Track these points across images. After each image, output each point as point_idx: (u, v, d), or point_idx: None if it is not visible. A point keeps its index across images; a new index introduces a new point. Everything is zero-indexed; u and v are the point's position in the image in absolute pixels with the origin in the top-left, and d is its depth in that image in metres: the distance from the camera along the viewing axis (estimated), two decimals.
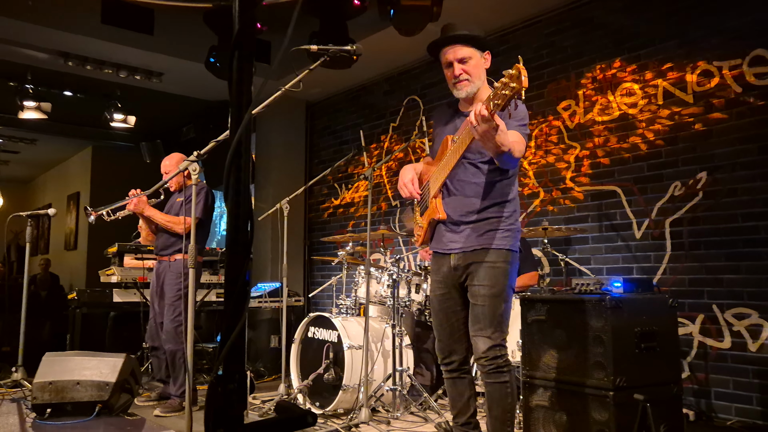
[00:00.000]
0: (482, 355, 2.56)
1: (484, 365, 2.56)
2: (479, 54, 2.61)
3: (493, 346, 2.55)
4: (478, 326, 2.58)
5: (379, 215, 6.61)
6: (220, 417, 1.07)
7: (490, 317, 2.56)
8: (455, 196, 2.67)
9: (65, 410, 3.07)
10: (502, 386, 2.56)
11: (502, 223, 2.62)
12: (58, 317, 6.42)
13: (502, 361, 2.56)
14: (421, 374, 4.60)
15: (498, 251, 2.59)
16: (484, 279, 2.57)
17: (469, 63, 2.59)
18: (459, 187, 2.67)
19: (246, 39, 1.20)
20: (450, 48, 2.61)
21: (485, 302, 2.56)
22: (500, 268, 2.58)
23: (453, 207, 2.68)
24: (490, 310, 2.55)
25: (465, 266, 2.63)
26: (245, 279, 1.13)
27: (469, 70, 2.59)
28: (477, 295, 2.59)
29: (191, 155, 2.82)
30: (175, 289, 4.15)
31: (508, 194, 2.66)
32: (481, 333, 2.56)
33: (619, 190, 4.54)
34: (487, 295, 2.56)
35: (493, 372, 2.56)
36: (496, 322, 2.56)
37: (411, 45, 5.74)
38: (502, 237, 2.61)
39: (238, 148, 1.15)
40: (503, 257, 2.60)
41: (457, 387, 2.77)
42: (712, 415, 3.92)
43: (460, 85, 2.61)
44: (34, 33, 5.60)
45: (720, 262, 3.97)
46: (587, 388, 2.81)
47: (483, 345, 2.56)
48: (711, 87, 4.09)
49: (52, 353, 3.32)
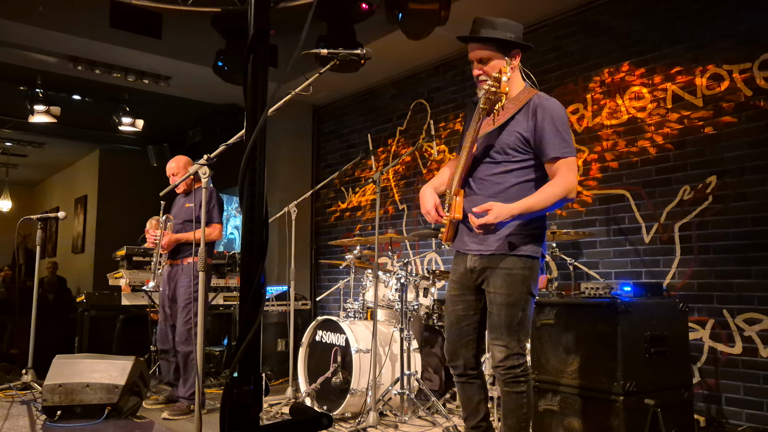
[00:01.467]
0: (499, 364, 2.48)
1: (501, 374, 2.49)
2: (502, 56, 2.48)
3: (509, 356, 2.46)
4: (494, 335, 2.50)
5: (386, 219, 6.61)
6: (236, 419, 1.07)
7: (507, 326, 2.46)
8: (476, 195, 2.54)
9: (75, 413, 3.08)
10: (518, 396, 2.48)
11: (524, 227, 2.49)
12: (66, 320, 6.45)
13: (520, 371, 2.47)
14: (429, 379, 4.59)
15: (516, 258, 2.47)
16: (500, 287, 2.47)
17: (489, 64, 2.50)
18: (480, 186, 2.55)
19: (261, 42, 1.21)
20: (471, 46, 2.54)
21: (501, 311, 2.47)
22: (518, 275, 2.46)
23: (473, 206, 2.49)
24: (506, 319, 2.46)
25: (481, 270, 2.53)
26: (260, 281, 1.13)
27: (487, 71, 2.48)
28: (493, 303, 2.50)
29: (200, 159, 2.83)
30: (189, 291, 4.16)
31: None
32: (498, 342, 2.49)
33: (628, 194, 4.53)
34: (503, 304, 2.47)
35: (510, 382, 2.47)
36: (513, 331, 2.46)
37: (418, 49, 5.75)
38: (522, 242, 2.48)
39: (253, 151, 1.15)
40: (522, 264, 2.47)
41: (466, 391, 2.73)
42: (723, 421, 3.89)
43: (480, 85, 2.49)
44: (43, 37, 5.64)
45: (730, 267, 3.95)
46: (597, 393, 2.80)
47: (499, 354, 2.48)
48: (721, 90, 4.08)
49: (61, 356, 3.34)
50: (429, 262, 6.10)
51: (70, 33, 5.58)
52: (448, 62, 6.11)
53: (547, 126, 2.40)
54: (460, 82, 5.97)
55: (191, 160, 4.61)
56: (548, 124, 2.40)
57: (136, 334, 5.82)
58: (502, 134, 2.50)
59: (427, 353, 4.62)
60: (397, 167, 6.52)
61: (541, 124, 2.40)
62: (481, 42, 2.49)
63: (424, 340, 4.66)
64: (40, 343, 4.50)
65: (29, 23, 5.35)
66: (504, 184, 2.49)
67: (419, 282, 4.28)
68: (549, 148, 2.39)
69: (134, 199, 9.66)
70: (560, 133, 2.40)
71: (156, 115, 7.95)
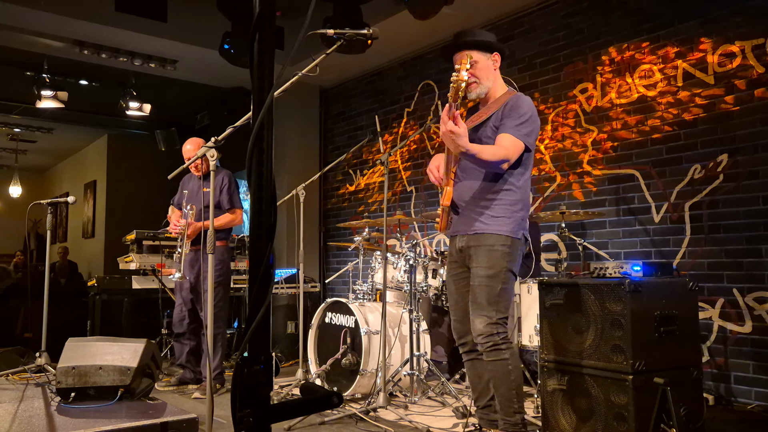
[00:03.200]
0: (479, 332, 2.62)
1: (482, 343, 2.62)
2: (486, 57, 2.77)
3: (489, 324, 2.60)
4: (475, 306, 2.67)
5: (394, 201, 6.60)
6: (247, 398, 1.08)
7: (487, 297, 2.63)
8: (462, 182, 2.81)
9: (88, 394, 3.12)
10: (502, 363, 2.60)
11: (504, 210, 2.71)
12: (78, 304, 6.51)
13: (500, 339, 2.60)
14: (438, 359, 4.61)
15: (497, 236, 2.68)
16: (482, 260, 2.67)
17: (476, 67, 2.75)
18: (465, 174, 2.80)
19: (267, 22, 1.19)
20: (458, 54, 2.79)
21: (482, 282, 2.65)
22: (498, 251, 2.66)
23: (459, 192, 2.81)
24: (486, 290, 2.63)
25: (467, 248, 2.76)
26: (269, 262, 1.13)
27: (476, 73, 2.75)
28: (475, 276, 2.69)
29: (209, 141, 2.83)
30: (215, 275, 4.18)
31: (514, 183, 2.74)
32: (478, 312, 2.64)
33: (637, 173, 4.49)
34: (484, 276, 2.65)
35: (492, 350, 2.60)
36: (493, 302, 2.63)
37: (425, 29, 5.69)
38: (503, 223, 2.69)
39: (261, 130, 1.15)
40: (502, 241, 2.67)
41: (476, 369, 2.80)
42: (732, 400, 3.90)
43: (470, 88, 2.77)
44: (49, 22, 5.63)
45: (741, 246, 3.92)
46: (606, 372, 2.80)
47: (480, 324, 2.62)
48: (732, 67, 4.02)
49: (74, 339, 3.37)
50: (437, 243, 6.10)
51: (76, 17, 5.56)
52: None
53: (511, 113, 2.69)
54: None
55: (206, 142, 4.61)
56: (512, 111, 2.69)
57: (147, 317, 5.87)
58: (484, 128, 2.78)
59: (436, 334, 4.64)
60: (404, 149, 6.50)
61: (508, 112, 2.70)
62: (469, 46, 2.76)
63: (433, 321, 4.67)
64: (53, 327, 4.55)
65: (35, 7, 5.34)
66: (483, 172, 2.73)
67: (428, 263, 4.29)
68: (504, 127, 2.68)
69: (143, 183, 9.70)
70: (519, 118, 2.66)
71: (163, 99, 7.94)
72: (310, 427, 3.36)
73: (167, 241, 5.49)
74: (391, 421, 3.43)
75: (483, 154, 2.55)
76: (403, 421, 3.40)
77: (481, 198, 2.73)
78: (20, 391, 3.55)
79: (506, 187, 2.72)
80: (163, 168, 4.21)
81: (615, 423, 2.75)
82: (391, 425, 3.33)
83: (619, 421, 2.74)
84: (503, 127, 2.66)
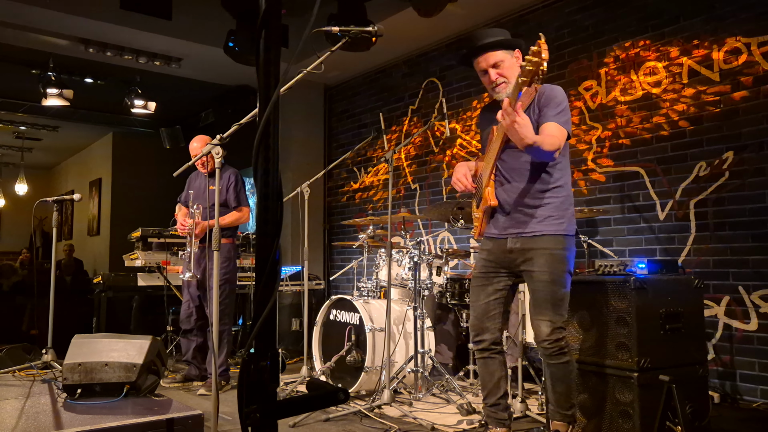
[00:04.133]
0: (545, 338, 2.62)
1: (546, 348, 2.63)
2: (510, 55, 2.72)
3: (554, 330, 2.62)
4: (538, 311, 2.66)
5: (399, 198, 6.61)
6: (254, 393, 1.08)
7: (551, 302, 2.62)
8: (508, 183, 2.76)
9: (94, 391, 3.13)
10: (565, 366, 2.65)
11: (557, 209, 2.68)
12: (83, 301, 6.54)
13: (564, 343, 2.64)
14: (441, 354, 4.62)
15: (555, 237, 2.66)
16: (543, 265, 2.64)
17: (502, 66, 2.70)
18: (512, 175, 2.75)
19: (272, 18, 1.20)
20: (481, 57, 2.72)
21: (545, 288, 2.63)
22: (558, 255, 2.64)
23: (507, 193, 2.75)
24: (550, 296, 2.62)
25: (522, 250, 2.70)
26: (275, 258, 1.14)
27: (503, 72, 2.70)
28: (537, 281, 2.66)
29: (214, 139, 2.83)
30: (221, 273, 4.20)
31: (560, 179, 2.72)
32: (542, 317, 2.64)
33: (642, 171, 4.48)
34: (547, 281, 2.63)
35: (556, 354, 2.63)
36: (556, 307, 2.63)
37: (430, 26, 5.69)
38: (558, 222, 2.67)
39: (267, 127, 1.15)
40: (561, 243, 2.66)
41: (488, 367, 2.82)
42: (737, 398, 3.89)
43: (499, 88, 2.72)
44: (55, 20, 5.64)
45: (746, 243, 3.91)
46: (611, 369, 2.81)
47: (546, 329, 2.62)
48: (738, 64, 4.00)
49: (80, 335, 3.38)
50: (442, 241, 6.10)
51: (81, 15, 5.58)
52: (460, 40, 6.05)
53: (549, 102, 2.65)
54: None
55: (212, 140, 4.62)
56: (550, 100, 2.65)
57: (153, 314, 5.89)
58: None
59: (440, 331, 4.65)
60: (409, 146, 6.50)
61: (545, 102, 2.65)
62: (492, 47, 2.70)
63: (437, 318, 4.68)
64: (59, 324, 4.57)
65: (40, 5, 5.35)
66: (535, 171, 2.69)
67: (432, 261, 4.29)
68: (546, 117, 2.63)
69: (148, 181, 9.72)
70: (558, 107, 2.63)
71: (168, 97, 7.96)
72: (315, 423, 3.37)
73: (172, 239, 5.50)
74: (396, 417, 3.44)
75: (544, 144, 2.49)
76: (408, 417, 3.41)
77: (532, 198, 2.69)
78: (27, 388, 3.57)
79: (555, 185, 2.70)
80: (168, 166, 4.21)
81: (620, 420, 2.76)
82: (396, 422, 3.34)
83: (624, 418, 2.74)
84: (544, 117, 2.61)
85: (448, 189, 6.06)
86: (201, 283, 4.36)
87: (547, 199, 2.69)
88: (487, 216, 2.85)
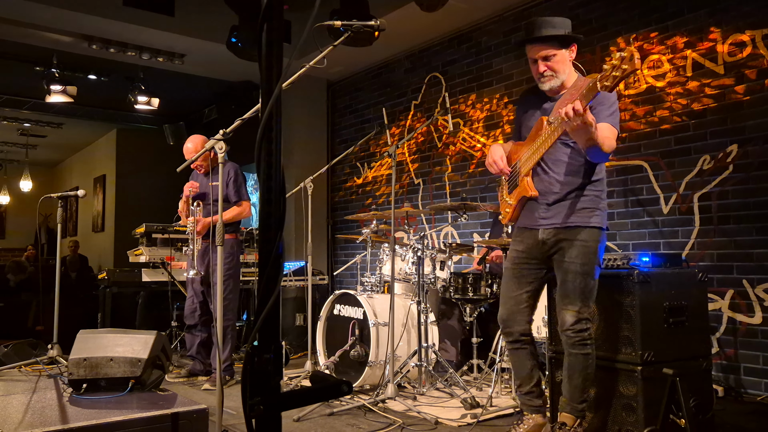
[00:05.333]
0: (569, 327, 2.66)
1: (570, 336, 2.66)
2: (564, 50, 2.70)
3: (579, 320, 2.65)
4: (567, 300, 2.68)
5: (402, 193, 6.61)
6: (257, 386, 1.09)
7: (580, 293, 2.65)
8: (548, 174, 2.76)
9: (100, 386, 3.15)
10: (585, 357, 2.66)
11: (593, 202, 2.71)
12: (88, 297, 6.57)
13: (587, 334, 2.66)
14: (445, 350, 4.62)
15: (591, 230, 2.68)
16: (576, 257, 2.66)
17: (553, 60, 2.69)
18: (551, 166, 2.75)
19: (274, 13, 1.20)
20: (534, 46, 2.71)
21: (576, 279, 2.66)
22: (591, 247, 2.67)
23: (544, 184, 2.76)
24: (580, 286, 2.65)
25: (555, 241, 2.72)
26: (278, 252, 1.14)
27: (553, 66, 2.70)
28: (568, 271, 2.68)
29: (216, 135, 2.83)
30: (225, 268, 4.21)
31: (599, 173, 2.75)
32: (570, 307, 2.67)
33: (646, 164, 4.47)
34: (579, 272, 2.66)
35: (578, 344, 2.66)
36: (585, 298, 2.66)
37: (432, 21, 5.68)
38: (594, 215, 2.69)
39: (269, 121, 1.15)
40: (595, 236, 2.68)
41: (519, 358, 2.87)
42: (741, 391, 3.88)
43: (544, 80, 2.73)
44: (58, 17, 5.65)
45: (750, 237, 3.90)
46: (615, 363, 2.80)
47: (571, 318, 2.66)
48: (743, 57, 3.99)
49: (85, 331, 3.40)
50: (445, 235, 6.10)
51: (84, 11, 5.59)
52: (462, 34, 6.04)
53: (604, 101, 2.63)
54: (474, 55, 5.90)
55: (207, 138, 4.62)
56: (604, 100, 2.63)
57: (157, 309, 5.91)
58: None
59: (444, 326, 4.65)
60: (412, 141, 6.50)
61: (600, 101, 2.62)
62: (545, 41, 2.67)
63: (441, 313, 4.68)
64: (64, 320, 4.60)
65: (44, 3, 5.36)
66: (575, 164, 2.72)
67: (436, 255, 4.29)
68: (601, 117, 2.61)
69: (152, 177, 9.75)
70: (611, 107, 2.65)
71: (171, 93, 7.97)
72: (319, 418, 3.38)
73: (177, 234, 5.52)
74: (400, 412, 3.45)
75: (604, 145, 2.52)
76: (412, 412, 3.42)
77: (569, 189, 2.71)
78: (33, 383, 3.59)
79: (595, 178, 2.72)
80: (172, 162, 4.23)
81: (624, 414, 2.76)
82: (400, 416, 3.35)
83: (628, 411, 2.74)
84: (598, 117, 2.58)
85: (451, 183, 6.05)
86: (204, 279, 4.37)
87: (586, 191, 2.71)
88: (521, 204, 2.86)
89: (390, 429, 3.18)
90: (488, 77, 5.75)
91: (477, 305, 4.24)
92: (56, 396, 3.15)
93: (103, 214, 11.08)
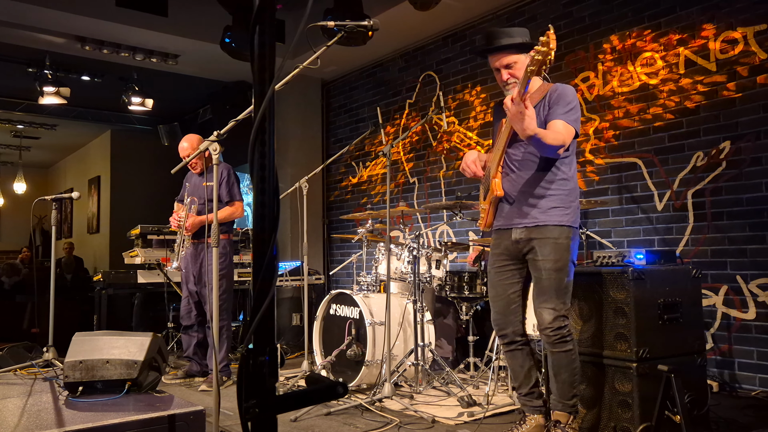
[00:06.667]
0: (548, 326, 2.67)
1: (549, 335, 2.67)
2: (524, 56, 2.75)
3: (557, 317, 2.66)
4: (543, 298, 2.70)
5: (397, 192, 6.61)
6: (252, 388, 1.09)
7: (555, 290, 2.67)
8: (515, 173, 2.81)
9: (96, 388, 3.14)
10: (567, 354, 2.68)
11: (563, 200, 2.73)
12: (84, 299, 6.55)
13: (566, 332, 2.68)
14: (442, 348, 4.63)
15: (560, 227, 2.71)
16: (549, 254, 2.69)
17: (515, 67, 2.76)
18: (518, 166, 2.80)
19: (267, 14, 1.20)
20: (495, 56, 2.80)
21: (550, 276, 2.68)
22: (563, 244, 2.69)
23: (513, 184, 2.81)
24: (554, 284, 2.67)
25: (527, 240, 2.75)
26: (273, 253, 1.14)
27: (514, 73, 2.76)
28: (542, 269, 2.71)
29: (211, 135, 2.83)
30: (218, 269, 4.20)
31: (567, 172, 2.77)
32: (546, 305, 2.68)
33: (640, 161, 4.49)
34: (552, 269, 2.68)
35: (559, 342, 2.67)
36: (560, 295, 2.68)
37: (426, 20, 5.68)
38: (563, 214, 2.72)
39: (262, 122, 1.15)
40: (565, 233, 2.71)
41: (516, 359, 2.87)
42: (736, 386, 3.91)
43: (509, 87, 2.78)
44: (51, 18, 5.63)
45: (744, 233, 3.92)
46: (610, 360, 2.82)
47: (548, 316, 2.67)
48: (735, 54, 4.00)
49: (81, 333, 3.38)
50: (441, 234, 6.11)
51: (77, 12, 5.57)
52: (456, 33, 6.04)
53: (560, 100, 2.72)
54: (469, 53, 5.91)
55: (202, 138, 4.61)
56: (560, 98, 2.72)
57: (153, 311, 5.90)
58: None
59: (440, 325, 4.66)
60: (407, 140, 6.50)
61: (556, 100, 2.72)
62: (505, 50, 2.76)
63: (437, 312, 4.69)
64: (60, 322, 4.58)
65: (35, 3, 5.34)
66: (542, 164, 2.75)
67: (431, 254, 4.30)
68: (555, 114, 2.70)
69: (147, 178, 9.73)
70: (567, 105, 2.70)
71: (166, 94, 7.95)
72: (316, 417, 3.38)
73: (172, 236, 5.51)
74: (397, 411, 3.45)
75: (547, 138, 2.56)
76: (409, 410, 3.42)
77: (538, 188, 2.74)
78: (28, 386, 3.58)
79: (560, 177, 2.75)
80: (167, 162, 4.22)
81: (619, 410, 2.77)
82: (397, 415, 3.36)
83: (623, 408, 2.76)
84: (553, 114, 2.67)
85: (446, 182, 6.06)
86: (198, 279, 4.36)
87: (552, 190, 2.73)
88: (494, 207, 2.90)
89: (387, 428, 3.19)
90: (483, 75, 5.76)
91: (473, 303, 4.25)
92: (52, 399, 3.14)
93: (98, 216, 11.05)
